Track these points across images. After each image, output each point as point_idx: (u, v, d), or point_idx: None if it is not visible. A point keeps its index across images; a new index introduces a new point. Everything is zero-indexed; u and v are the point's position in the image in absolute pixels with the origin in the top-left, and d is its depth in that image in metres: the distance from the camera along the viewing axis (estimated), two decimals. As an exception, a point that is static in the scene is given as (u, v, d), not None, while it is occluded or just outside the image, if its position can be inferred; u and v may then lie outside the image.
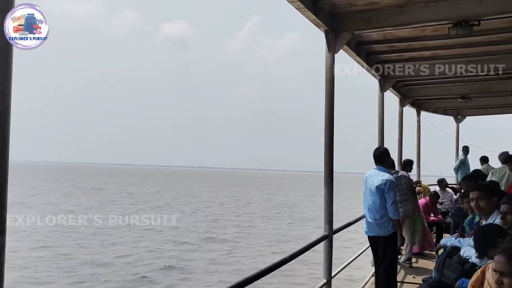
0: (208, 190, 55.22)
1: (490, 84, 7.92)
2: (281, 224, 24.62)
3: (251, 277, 2.97)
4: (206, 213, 29.16)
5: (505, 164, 7.44)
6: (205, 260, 14.87)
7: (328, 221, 4.42)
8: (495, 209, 3.61)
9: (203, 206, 33.65)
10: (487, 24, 4.79)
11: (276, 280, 11.60)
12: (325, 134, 4.49)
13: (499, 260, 2.18)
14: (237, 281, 2.82)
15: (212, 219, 26.06)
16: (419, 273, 6.15)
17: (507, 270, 2.09)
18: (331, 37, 4.46)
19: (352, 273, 9.42)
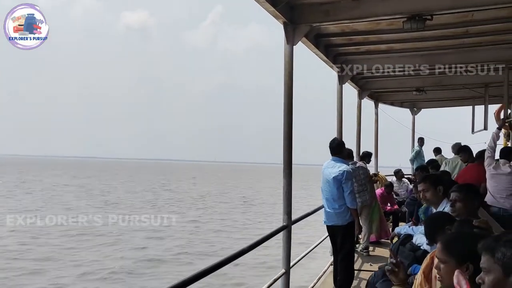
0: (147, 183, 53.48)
1: (443, 78, 8.19)
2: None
3: (210, 268, 2.98)
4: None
5: (457, 155, 7.73)
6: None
7: (287, 212, 4.46)
8: (443, 198, 3.74)
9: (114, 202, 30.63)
10: (440, 18, 4.95)
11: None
12: (284, 126, 4.52)
13: (438, 247, 2.21)
14: (193, 273, 2.81)
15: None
16: (376, 261, 6.33)
17: (442, 257, 2.13)
18: (289, 29, 4.48)
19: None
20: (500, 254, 1.65)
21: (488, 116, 8.83)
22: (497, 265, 1.65)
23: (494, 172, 5.57)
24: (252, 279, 11.55)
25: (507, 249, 1.64)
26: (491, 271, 1.67)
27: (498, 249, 1.66)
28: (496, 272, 1.65)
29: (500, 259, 1.64)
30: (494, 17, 5.09)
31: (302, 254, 5.46)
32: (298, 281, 8.12)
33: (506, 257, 1.63)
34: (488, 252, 1.70)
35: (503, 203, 5.48)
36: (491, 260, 1.68)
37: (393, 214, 8.80)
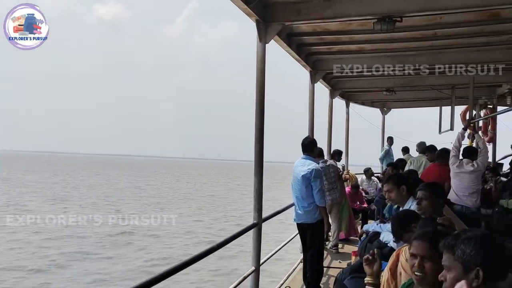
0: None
1: (412, 79, 8.38)
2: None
3: (179, 265, 2.95)
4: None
5: (421, 154, 7.92)
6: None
7: (257, 209, 4.47)
8: (407, 197, 3.83)
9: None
10: (409, 21, 5.03)
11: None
12: (256, 124, 4.53)
13: (419, 244, 2.16)
14: (163, 270, 2.79)
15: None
16: (345, 258, 6.41)
17: (429, 254, 2.09)
18: (262, 27, 4.49)
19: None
20: (460, 252, 1.68)
21: (454, 117, 9.08)
22: (458, 262, 1.68)
23: (457, 170, 5.74)
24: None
25: (466, 247, 1.68)
26: (452, 268, 1.70)
27: (458, 247, 1.70)
28: (456, 270, 1.69)
29: (460, 256, 1.68)
30: (461, 20, 5.22)
31: (272, 252, 5.49)
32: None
33: (465, 255, 1.66)
34: (449, 250, 1.73)
35: (466, 201, 5.66)
36: (451, 258, 1.72)
37: (362, 212, 8.95)
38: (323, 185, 6.39)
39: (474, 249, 1.66)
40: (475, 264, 1.64)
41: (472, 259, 1.65)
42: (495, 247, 1.69)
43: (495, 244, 1.70)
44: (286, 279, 5.56)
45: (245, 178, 55.03)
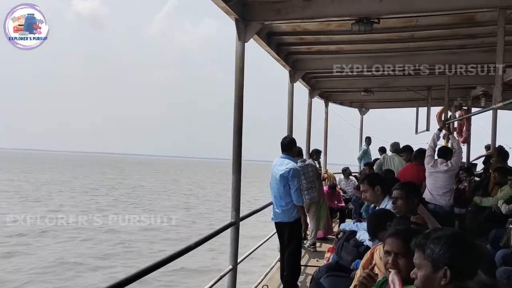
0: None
1: (390, 80, 8.50)
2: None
3: (157, 263, 2.94)
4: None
5: (395, 153, 8.05)
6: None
7: (235, 208, 4.47)
8: (383, 196, 3.88)
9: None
10: (387, 22, 5.12)
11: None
12: (234, 122, 4.53)
13: (393, 241, 2.21)
14: (142, 268, 2.77)
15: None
16: (322, 256, 6.45)
17: (402, 251, 2.13)
18: (241, 26, 4.49)
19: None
20: (429, 251, 1.72)
21: (430, 118, 9.24)
22: (427, 261, 1.72)
23: (432, 170, 5.86)
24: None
25: (435, 246, 1.71)
26: (422, 266, 1.74)
27: (428, 246, 1.73)
28: (426, 268, 1.73)
29: (429, 255, 1.72)
30: (437, 23, 5.33)
31: (250, 251, 5.49)
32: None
33: (435, 254, 1.70)
34: (420, 249, 1.77)
35: (439, 200, 5.77)
36: (422, 256, 1.75)
37: (340, 211, 9.04)
38: (301, 184, 6.45)
39: (443, 248, 1.70)
40: (444, 263, 1.68)
41: (440, 258, 1.69)
42: (464, 246, 1.73)
43: (464, 244, 1.74)
44: (263, 278, 5.58)
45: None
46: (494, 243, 4.84)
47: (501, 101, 4.29)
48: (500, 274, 4.01)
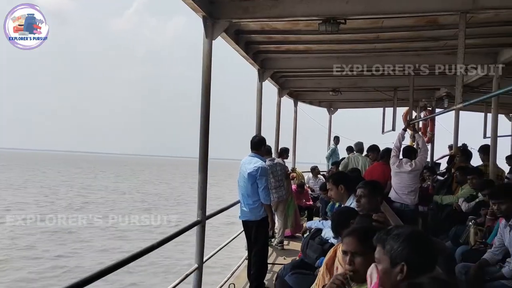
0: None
1: (357, 80, 8.63)
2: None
3: (119, 262, 2.89)
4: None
5: (359, 153, 8.19)
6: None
7: (201, 207, 4.44)
8: (347, 195, 3.94)
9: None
10: (353, 23, 5.18)
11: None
12: (201, 120, 4.50)
13: (349, 241, 2.24)
14: (102, 268, 2.72)
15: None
16: (290, 254, 6.52)
17: (359, 250, 2.17)
18: (208, 23, 4.46)
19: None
20: (389, 247, 1.78)
21: (396, 118, 9.44)
22: (386, 256, 1.78)
23: (397, 170, 5.97)
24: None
25: (394, 242, 1.77)
26: (381, 261, 1.80)
27: (388, 242, 1.79)
28: (385, 263, 1.78)
29: (388, 251, 1.77)
30: (401, 25, 5.44)
31: (216, 250, 5.48)
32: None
33: (393, 250, 1.76)
34: (380, 244, 1.83)
35: (405, 199, 5.89)
36: (381, 251, 1.81)
37: (308, 209, 9.13)
38: (270, 183, 6.48)
39: (401, 245, 1.76)
40: (401, 259, 1.73)
41: (398, 255, 1.75)
42: (422, 244, 1.79)
43: (422, 242, 1.80)
44: (230, 276, 5.58)
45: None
46: (455, 240, 5.00)
47: (461, 102, 4.42)
48: (459, 270, 4.14)
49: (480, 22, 5.17)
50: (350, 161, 8.04)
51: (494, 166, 6.36)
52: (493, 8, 4.37)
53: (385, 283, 1.77)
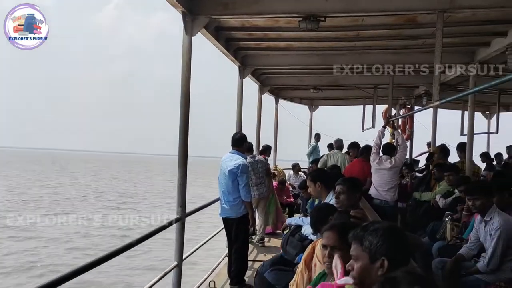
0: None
1: (338, 78, 8.67)
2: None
3: (96, 260, 2.86)
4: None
5: (338, 150, 8.26)
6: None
7: (181, 204, 4.42)
8: (327, 191, 3.97)
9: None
10: (333, 21, 5.20)
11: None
12: (181, 117, 4.48)
13: (329, 235, 2.27)
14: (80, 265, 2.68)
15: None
16: (270, 251, 6.52)
17: (338, 244, 2.18)
18: (188, 19, 4.42)
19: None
20: (367, 243, 1.77)
21: (376, 115, 9.55)
22: (365, 253, 1.77)
23: (377, 167, 6.04)
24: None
25: (373, 238, 1.76)
26: (359, 258, 1.79)
27: (366, 238, 1.78)
28: (363, 259, 1.77)
29: (367, 247, 1.76)
30: (381, 23, 5.48)
31: (196, 247, 5.46)
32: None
33: (372, 245, 1.75)
34: (357, 241, 1.81)
35: (385, 195, 5.97)
36: (359, 248, 1.79)
37: (289, 206, 9.16)
38: (251, 180, 6.48)
39: (380, 240, 1.75)
40: (381, 254, 1.73)
41: (378, 250, 1.74)
42: (399, 238, 1.80)
43: (399, 236, 1.81)
44: (210, 274, 5.56)
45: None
46: (432, 235, 5.08)
47: (439, 100, 4.49)
48: (436, 265, 4.21)
49: (458, 21, 5.25)
50: (329, 158, 8.08)
51: (470, 163, 6.49)
52: (470, 8, 4.45)
53: (365, 279, 1.76)
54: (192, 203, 5.41)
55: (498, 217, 3.76)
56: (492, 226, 3.76)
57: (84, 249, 13.96)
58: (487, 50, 6.18)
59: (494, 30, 5.66)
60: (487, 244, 3.80)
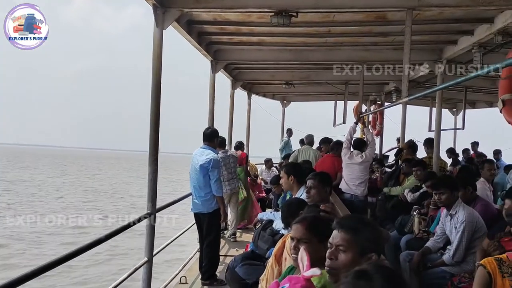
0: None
1: (310, 73, 8.75)
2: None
3: (66, 256, 2.80)
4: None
5: (309, 145, 8.35)
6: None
7: (151, 199, 4.37)
8: (298, 185, 4.01)
9: None
10: (305, 17, 5.23)
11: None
12: (151, 112, 4.41)
13: (297, 228, 2.27)
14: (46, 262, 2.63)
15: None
16: (242, 246, 6.52)
17: (305, 237, 2.19)
18: (159, 12, 4.35)
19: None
20: (362, 236, 1.76)
21: (347, 111, 9.66)
22: (356, 244, 1.76)
23: (348, 162, 6.12)
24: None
25: (369, 233, 1.77)
26: (349, 250, 1.76)
27: (362, 231, 1.77)
28: (353, 252, 1.75)
29: (360, 240, 1.76)
30: (352, 20, 5.53)
31: (167, 242, 5.42)
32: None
33: (366, 239, 1.76)
34: (351, 232, 1.79)
35: (355, 190, 6.06)
36: (351, 239, 1.77)
37: (261, 201, 9.19)
38: (223, 175, 6.47)
39: (373, 236, 1.78)
40: (372, 250, 1.75)
41: (370, 245, 1.76)
42: (380, 233, 1.84)
43: (380, 231, 1.86)
44: (181, 269, 5.53)
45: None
46: (400, 229, 5.19)
47: (407, 96, 4.58)
48: (403, 258, 4.31)
49: (426, 19, 5.36)
50: (300, 153, 8.14)
51: (437, 158, 6.66)
52: (437, 6, 4.53)
53: (346, 271, 1.76)
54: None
55: (463, 211, 3.88)
56: (457, 220, 3.87)
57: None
58: (454, 48, 6.34)
59: (461, 28, 5.80)
60: (453, 237, 3.91)
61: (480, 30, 5.50)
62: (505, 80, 4.44)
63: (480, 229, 3.81)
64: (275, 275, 2.75)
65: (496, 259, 2.05)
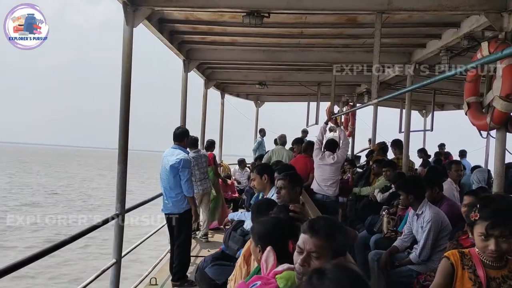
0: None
1: (283, 74, 8.79)
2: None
3: (28, 258, 2.73)
4: None
5: (282, 146, 8.39)
6: None
7: (120, 200, 4.29)
8: (270, 185, 4.02)
9: None
10: (278, 17, 5.25)
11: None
12: (121, 110, 4.34)
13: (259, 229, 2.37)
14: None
15: None
16: (214, 247, 6.50)
17: (266, 239, 2.25)
18: (129, 10, 4.28)
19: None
20: (337, 241, 1.75)
21: (319, 112, 9.75)
22: (330, 250, 1.73)
23: (320, 163, 6.16)
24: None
25: (342, 237, 1.76)
26: (324, 255, 1.73)
27: (337, 236, 1.75)
28: (328, 256, 1.72)
29: (334, 244, 1.74)
30: (323, 22, 5.59)
31: (136, 243, 5.34)
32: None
33: (339, 244, 1.76)
34: (327, 237, 1.75)
35: (327, 190, 6.10)
36: (327, 245, 1.74)
37: (233, 201, 9.18)
38: (195, 175, 6.42)
39: (345, 239, 1.80)
40: (343, 253, 1.77)
41: (342, 249, 1.77)
42: (353, 236, 1.87)
43: (352, 233, 1.88)
44: (151, 270, 5.46)
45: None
46: (370, 228, 5.27)
47: (377, 98, 4.65)
48: (372, 257, 4.37)
49: (395, 22, 5.46)
50: (273, 153, 8.17)
51: (406, 158, 6.79)
52: (406, 10, 4.62)
53: None
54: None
55: (429, 211, 3.96)
56: (424, 219, 3.96)
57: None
58: (423, 51, 6.47)
59: (429, 32, 5.93)
60: (419, 236, 4.00)
61: (448, 34, 5.64)
62: (469, 83, 4.55)
63: (445, 228, 3.91)
64: (243, 275, 2.74)
65: (459, 252, 2.13)
